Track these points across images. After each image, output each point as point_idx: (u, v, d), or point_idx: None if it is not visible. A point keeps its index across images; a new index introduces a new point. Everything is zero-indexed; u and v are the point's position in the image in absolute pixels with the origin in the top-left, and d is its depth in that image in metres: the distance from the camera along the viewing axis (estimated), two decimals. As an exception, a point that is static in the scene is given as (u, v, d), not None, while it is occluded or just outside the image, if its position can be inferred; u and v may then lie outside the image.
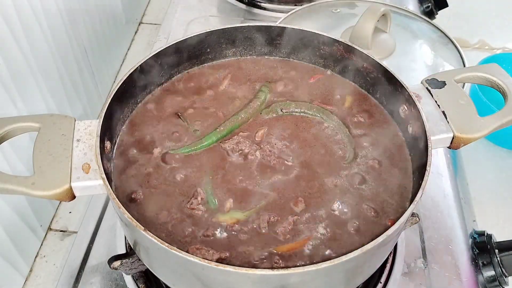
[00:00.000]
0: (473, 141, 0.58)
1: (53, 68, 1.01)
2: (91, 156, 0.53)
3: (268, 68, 0.72)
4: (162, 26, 1.14)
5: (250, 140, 0.62)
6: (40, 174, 0.50)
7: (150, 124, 0.63)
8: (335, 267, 0.45)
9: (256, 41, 0.71)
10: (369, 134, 0.63)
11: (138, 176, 0.58)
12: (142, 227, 0.46)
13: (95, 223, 0.76)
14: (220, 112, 0.65)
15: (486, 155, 1.11)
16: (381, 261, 0.58)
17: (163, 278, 0.57)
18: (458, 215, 0.78)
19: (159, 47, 0.64)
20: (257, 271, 0.44)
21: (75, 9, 1.09)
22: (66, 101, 1.08)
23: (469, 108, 0.59)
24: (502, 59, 1.16)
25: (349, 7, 1.01)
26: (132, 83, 0.62)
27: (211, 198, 0.55)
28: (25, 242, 0.97)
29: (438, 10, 1.23)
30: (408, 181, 0.58)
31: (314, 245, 0.52)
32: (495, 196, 1.05)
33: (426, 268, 0.71)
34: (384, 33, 0.91)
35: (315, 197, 0.56)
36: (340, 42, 0.67)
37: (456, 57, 0.91)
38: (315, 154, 0.61)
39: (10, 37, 0.85)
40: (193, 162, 0.59)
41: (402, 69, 0.85)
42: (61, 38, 1.04)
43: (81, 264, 0.71)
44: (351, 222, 0.54)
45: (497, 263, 0.71)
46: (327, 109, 0.66)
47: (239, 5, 1.18)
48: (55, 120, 0.55)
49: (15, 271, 0.93)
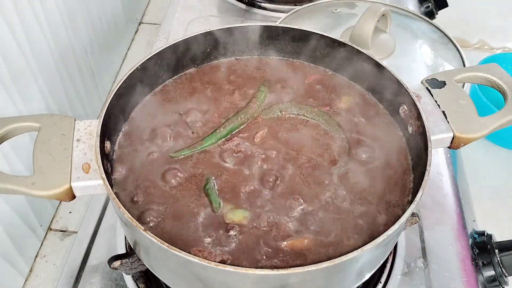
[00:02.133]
0: (473, 141, 0.58)
1: (53, 68, 1.01)
2: (91, 156, 0.53)
3: (267, 68, 0.72)
4: (162, 26, 1.14)
5: (249, 141, 0.62)
6: (40, 174, 0.50)
7: (150, 124, 0.63)
8: (335, 267, 0.45)
9: (255, 41, 0.71)
10: (369, 134, 0.63)
11: (139, 176, 0.58)
12: (142, 227, 0.46)
13: (95, 223, 0.76)
14: (220, 113, 0.65)
15: (486, 155, 1.11)
16: (381, 261, 0.58)
17: (163, 278, 0.57)
18: (458, 215, 0.78)
19: (159, 47, 0.64)
20: (257, 271, 0.44)
21: (75, 9, 1.09)
22: (66, 101, 1.08)
23: (469, 108, 0.59)
24: (502, 59, 1.16)
25: (349, 7, 1.01)
26: (132, 83, 0.62)
27: (214, 199, 0.55)
28: (25, 242, 0.97)
29: (438, 10, 1.23)
30: (408, 181, 0.58)
31: (314, 244, 0.52)
32: (495, 196, 1.05)
33: (426, 268, 0.71)
34: (384, 33, 0.91)
35: (315, 197, 0.56)
36: (340, 42, 0.67)
37: (456, 57, 0.91)
38: (314, 154, 0.61)
39: (10, 37, 0.85)
40: (193, 163, 0.59)
41: (402, 69, 0.85)
42: (61, 38, 1.04)
43: (81, 264, 0.71)
44: (350, 222, 0.54)
45: (497, 263, 0.71)
46: (326, 112, 0.66)
47: (239, 5, 1.18)
48: (55, 120, 0.55)
49: (15, 271, 0.93)
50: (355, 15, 0.98)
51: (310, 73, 0.71)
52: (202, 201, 0.56)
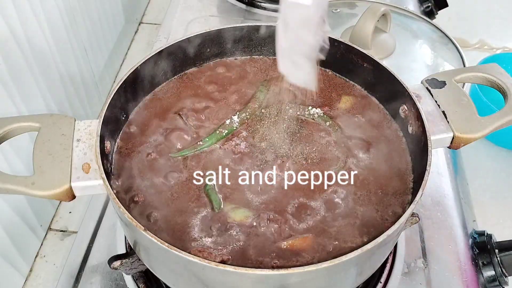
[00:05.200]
0: (473, 141, 0.58)
1: (53, 68, 1.01)
2: (91, 156, 0.53)
3: (267, 68, 0.72)
4: (162, 26, 1.14)
5: (249, 141, 0.62)
6: (40, 174, 0.50)
7: (150, 124, 0.63)
8: (335, 267, 0.45)
9: (255, 41, 0.71)
10: (369, 134, 0.63)
11: (139, 176, 0.58)
12: (142, 227, 0.46)
13: (95, 223, 0.76)
14: (220, 113, 0.65)
15: (486, 155, 1.11)
16: (381, 261, 0.58)
17: (163, 278, 0.57)
18: (458, 215, 0.78)
19: (159, 47, 0.64)
20: (257, 271, 0.44)
21: (75, 9, 1.09)
22: (66, 101, 1.09)
23: (469, 108, 0.59)
24: (502, 59, 1.16)
25: (349, 7, 1.01)
26: (132, 83, 0.62)
27: (214, 199, 0.55)
28: (25, 242, 0.97)
29: (438, 10, 1.23)
30: (408, 181, 0.58)
31: (314, 244, 0.52)
32: (495, 196, 1.05)
33: (426, 268, 0.71)
34: (384, 33, 0.91)
35: (315, 197, 0.56)
36: (340, 42, 0.67)
37: (456, 57, 0.92)
38: (314, 154, 0.61)
39: (10, 37, 0.85)
40: (193, 164, 0.59)
41: (402, 69, 0.85)
42: (61, 38, 1.04)
43: (81, 264, 0.71)
44: (350, 222, 0.54)
45: (497, 263, 0.71)
46: (326, 112, 0.66)
47: (239, 5, 1.18)
48: (55, 120, 0.55)
49: (15, 271, 0.93)
50: (355, 15, 0.98)
51: (310, 73, 0.71)
52: (202, 201, 0.56)
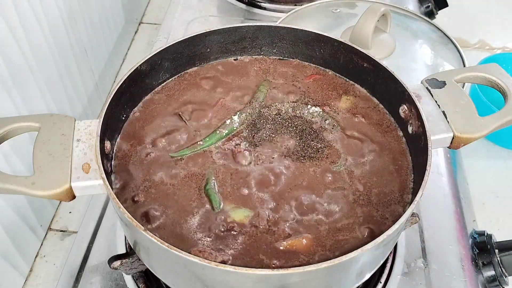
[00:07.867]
0: (473, 141, 0.58)
1: (53, 68, 1.01)
2: (91, 156, 0.53)
3: (267, 68, 0.72)
4: (162, 26, 1.14)
5: (249, 141, 0.62)
6: (40, 174, 0.50)
7: (151, 124, 0.63)
8: (335, 267, 0.45)
9: (255, 41, 0.71)
10: (369, 134, 0.63)
11: (139, 175, 0.58)
12: (142, 227, 0.46)
13: (95, 223, 0.76)
14: (220, 113, 0.65)
15: (486, 155, 1.12)
16: (381, 261, 0.58)
17: (163, 278, 0.57)
18: (458, 215, 0.78)
19: (159, 47, 0.64)
20: (257, 271, 0.44)
21: (75, 9, 1.09)
22: (66, 101, 1.09)
23: (469, 108, 0.59)
24: (502, 59, 1.16)
25: (349, 7, 1.01)
26: (132, 83, 0.62)
27: (215, 199, 0.55)
28: (25, 242, 0.97)
29: (438, 10, 1.23)
30: (408, 181, 0.58)
31: (313, 244, 0.52)
32: (495, 196, 1.05)
33: (426, 268, 0.71)
34: (384, 33, 0.91)
35: (315, 196, 0.56)
36: (340, 42, 0.67)
37: (456, 57, 0.91)
38: (314, 154, 0.61)
39: (10, 37, 0.85)
40: (193, 163, 0.59)
41: (402, 69, 0.85)
42: (61, 38, 1.04)
43: (81, 264, 0.71)
44: (350, 221, 0.54)
45: (497, 263, 0.71)
46: (326, 111, 0.66)
47: (239, 5, 1.18)
48: (55, 120, 0.55)
49: (15, 271, 0.93)
50: (355, 15, 0.98)
51: (310, 73, 0.71)
52: (202, 201, 0.56)
